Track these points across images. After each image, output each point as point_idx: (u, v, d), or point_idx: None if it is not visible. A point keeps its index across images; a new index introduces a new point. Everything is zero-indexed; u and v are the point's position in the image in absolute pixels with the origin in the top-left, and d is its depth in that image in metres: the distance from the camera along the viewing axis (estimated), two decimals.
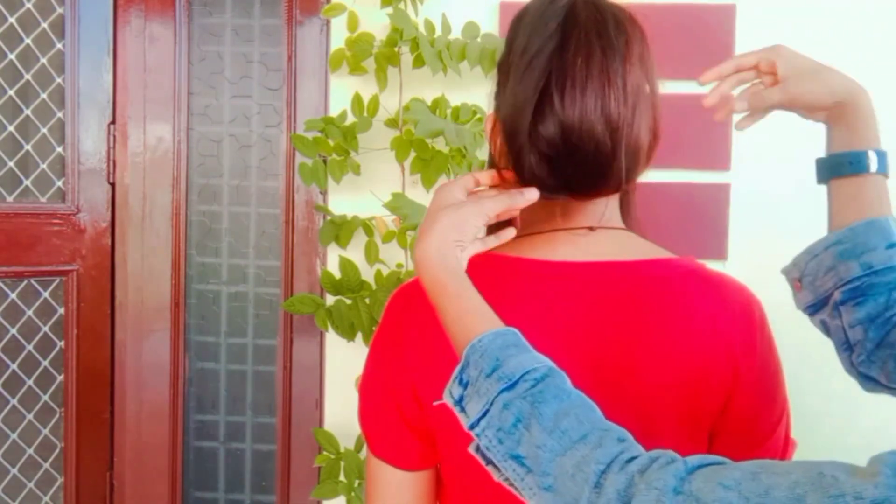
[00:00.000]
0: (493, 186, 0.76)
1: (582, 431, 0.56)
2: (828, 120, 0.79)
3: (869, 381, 0.75)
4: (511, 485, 0.61)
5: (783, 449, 0.75)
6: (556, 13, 0.72)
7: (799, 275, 0.76)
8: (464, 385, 0.61)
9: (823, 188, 0.80)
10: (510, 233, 0.75)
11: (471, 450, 0.63)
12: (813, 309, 0.77)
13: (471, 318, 0.64)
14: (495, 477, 0.62)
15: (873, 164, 0.76)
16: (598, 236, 0.74)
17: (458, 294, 0.66)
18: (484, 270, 0.74)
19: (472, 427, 0.61)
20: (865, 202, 0.75)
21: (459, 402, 0.62)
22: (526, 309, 0.71)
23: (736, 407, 0.72)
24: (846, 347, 0.75)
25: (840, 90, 0.79)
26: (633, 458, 0.55)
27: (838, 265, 0.73)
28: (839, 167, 0.77)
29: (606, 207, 0.75)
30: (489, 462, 0.62)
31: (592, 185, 0.71)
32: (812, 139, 1.88)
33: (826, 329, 0.77)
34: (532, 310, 0.71)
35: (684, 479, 0.52)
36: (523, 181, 0.72)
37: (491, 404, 0.59)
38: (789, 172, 1.67)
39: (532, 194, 0.71)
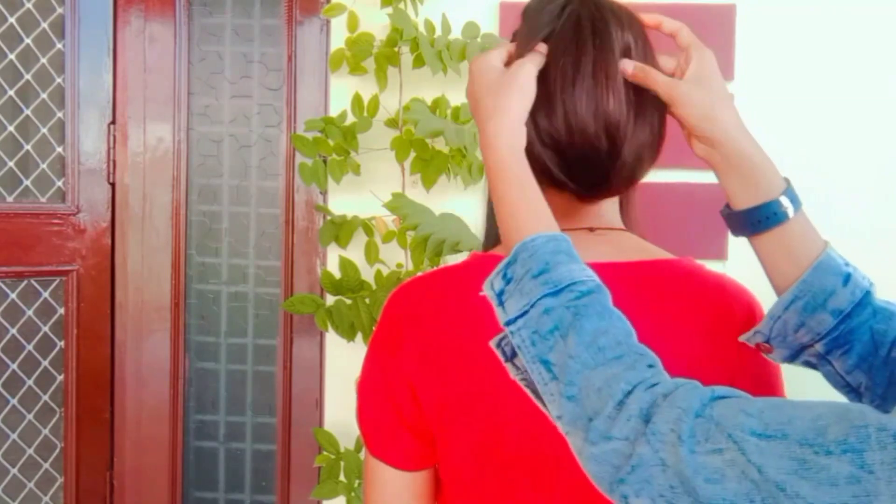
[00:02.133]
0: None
1: (618, 352, 0.56)
2: (716, 168, 0.71)
3: None
4: (528, 386, 0.62)
5: None
6: (554, 11, 0.72)
7: (765, 339, 0.70)
8: (507, 280, 0.61)
9: (823, 188, 0.79)
10: (542, 48, 0.71)
11: (492, 343, 0.63)
12: (792, 359, 0.72)
13: (527, 214, 0.63)
14: (511, 374, 0.63)
15: (790, 209, 0.68)
16: (597, 237, 0.74)
17: (522, 186, 0.65)
18: (481, 270, 0.74)
19: (507, 323, 0.60)
20: (799, 247, 0.69)
21: (499, 295, 0.61)
22: None
23: None
24: (849, 390, 0.72)
25: (726, 124, 0.69)
26: (659, 383, 0.55)
27: (807, 320, 0.68)
28: (756, 224, 0.69)
29: (606, 208, 0.75)
30: (509, 359, 0.62)
31: (595, 183, 0.71)
32: (812, 139, 1.87)
33: (813, 367, 0.73)
34: None
35: (706, 405, 0.52)
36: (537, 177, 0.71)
37: (532, 306, 0.59)
38: (789, 172, 1.66)
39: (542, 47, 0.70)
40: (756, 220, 0.69)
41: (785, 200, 0.69)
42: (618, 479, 0.54)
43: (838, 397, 0.74)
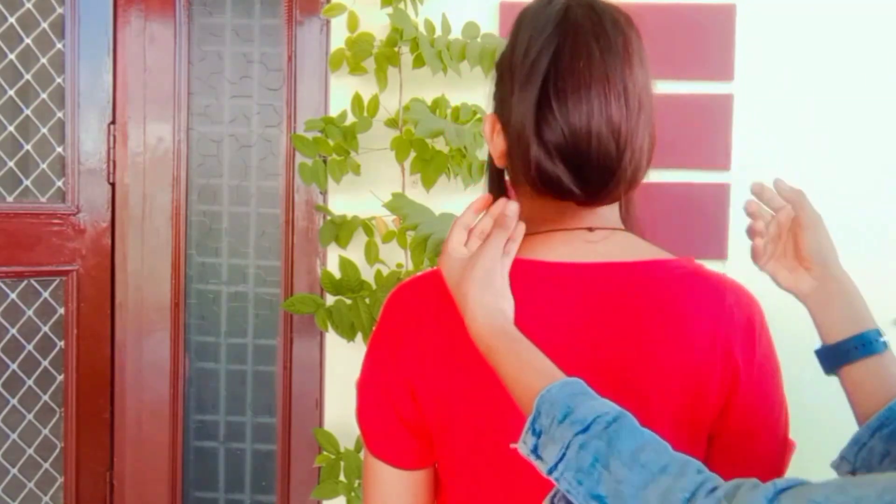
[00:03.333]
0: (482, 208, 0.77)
1: (661, 463, 0.57)
2: (814, 303, 0.76)
3: None
4: None
5: (782, 450, 0.75)
6: (553, 16, 0.71)
7: (851, 468, 0.72)
8: (537, 434, 0.62)
9: (823, 188, 0.79)
10: (521, 228, 0.74)
11: (546, 501, 0.64)
12: None
13: (532, 372, 0.65)
14: None
15: (880, 344, 0.72)
16: (596, 237, 0.74)
17: (516, 353, 0.67)
18: None
19: (550, 472, 0.61)
20: (888, 376, 0.72)
21: (535, 450, 0.63)
22: (524, 310, 0.71)
23: (735, 408, 0.72)
24: None
25: (832, 260, 0.76)
26: (717, 486, 0.55)
27: (892, 447, 0.70)
28: (847, 353, 0.73)
29: (605, 209, 0.75)
30: None
31: (600, 189, 0.71)
32: (812, 139, 1.87)
33: None
34: (530, 311, 0.71)
35: (773, 500, 0.52)
36: (535, 186, 0.72)
37: (567, 448, 0.60)
38: (789, 173, 1.66)
39: (512, 207, 0.73)
40: (851, 348, 0.72)
41: (877, 334, 0.73)
42: None
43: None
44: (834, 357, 0.74)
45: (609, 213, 0.76)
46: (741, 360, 0.71)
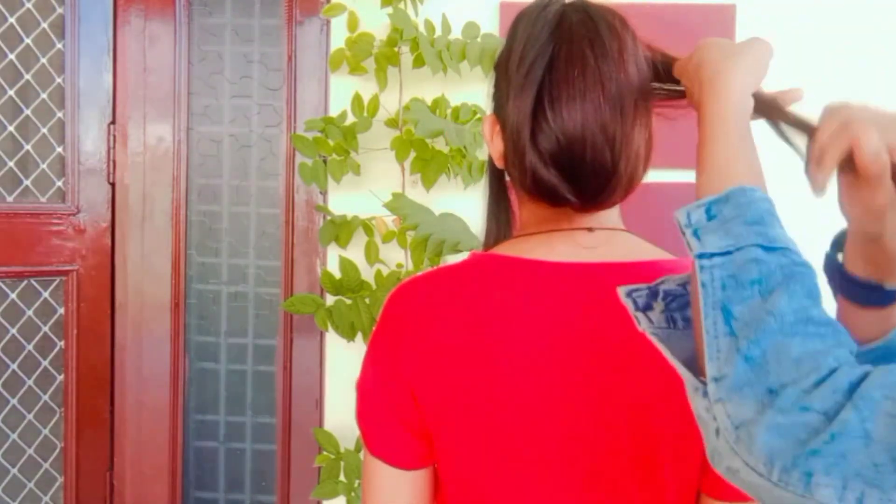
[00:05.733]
0: None
1: (829, 329, 0.50)
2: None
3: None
4: (660, 339, 0.58)
5: None
6: (549, 21, 0.71)
7: None
8: (710, 216, 0.56)
9: None
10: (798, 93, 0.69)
11: (621, 291, 0.60)
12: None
13: (748, 166, 0.59)
14: (639, 326, 0.60)
15: None
16: (596, 237, 0.74)
17: (744, 137, 0.61)
18: (480, 269, 0.74)
19: (702, 256, 0.54)
20: (892, 319, 0.66)
21: (694, 226, 0.56)
22: (522, 309, 0.71)
23: None
24: None
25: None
26: (863, 371, 0.48)
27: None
28: (864, 297, 0.65)
29: (605, 210, 0.75)
30: (640, 309, 0.59)
31: (596, 196, 0.71)
32: None
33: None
34: (528, 310, 0.71)
35: None
36: (531, 192, 0.72)
37: (738, 249, 0.53)
38: (789, 172, 1.66)
39: None
40: (871, 295, 0.65)
41: None
42: (806, 451, 0.46)
43: None
44: (844, 289, 0.66)
45: (609, 214, 0.76)
46: None
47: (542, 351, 0.69)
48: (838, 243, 0.68)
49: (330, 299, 1.76)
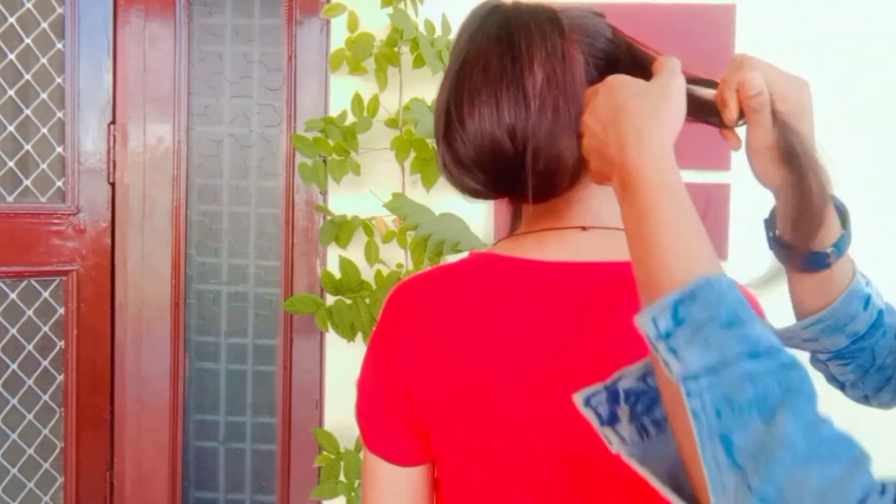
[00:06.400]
0: None
1: (843, 446, 0.45)
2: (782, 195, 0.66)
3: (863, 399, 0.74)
4: (640, 462, 0.53)
5: None
6: (470, 27, 0.74)
7: None
8: (677, 319, 0.49)
9: None
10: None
11: (577, 400, 0.56)
12: None
13: (702, 249, 0.53)
14: (614, 449, 0.54)
15: (833, 257, 0.68)
16: (590, 236, 0.74)
17: (690, 212, 0.55)
18: (476, 268, 0.74)
19: (687, 379, 0.48)
20: (834, 281, 0.69)
21: (665, 337, 0.50)
22: (515, 308, 0.71)
23: None
24: (836, 384, 0.75)
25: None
26: (885, 485, 0.44)
27: (822, 338, 0.69)
28: (803, 263, 0.68)
29: (599, 207, 0.75)
30: (605, 423, 0.54)
31: (516, 190, 0.72)
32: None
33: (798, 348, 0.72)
34: (521, 309, 0.71)
35: None
36: (462, 194, 0.76)
37: (725, 365, 0.47)
38: None
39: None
40: (808, 262, 0.68)
41: (832, 252, 0.67)
42: None
43: (827, 383, 0.77)
44: (785, 258, 0.69)
45: (605, 213, 0.75)
46: None
47: (535, 350, 0.69)
48: (773, 216, 0.72)
49: (330, 299, 1.76)
